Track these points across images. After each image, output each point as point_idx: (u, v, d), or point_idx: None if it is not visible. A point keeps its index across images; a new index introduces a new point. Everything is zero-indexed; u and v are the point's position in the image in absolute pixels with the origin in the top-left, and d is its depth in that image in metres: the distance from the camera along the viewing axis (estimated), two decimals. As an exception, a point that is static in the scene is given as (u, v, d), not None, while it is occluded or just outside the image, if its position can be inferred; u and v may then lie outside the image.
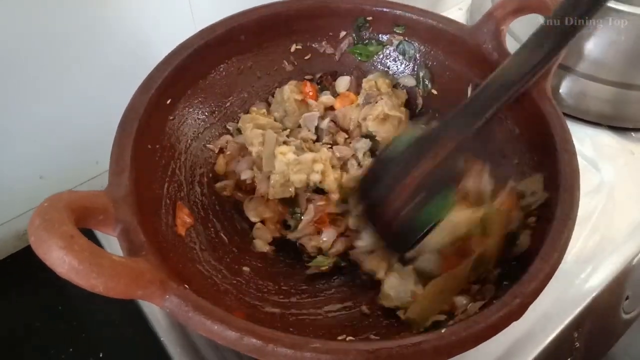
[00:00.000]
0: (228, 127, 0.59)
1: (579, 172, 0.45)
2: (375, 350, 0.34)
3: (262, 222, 0.56)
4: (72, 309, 0.58)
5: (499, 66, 0.50)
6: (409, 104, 0.63)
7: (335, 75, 0.63)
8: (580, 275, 0.57)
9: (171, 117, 0.53)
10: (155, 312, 0.53)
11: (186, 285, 0.37)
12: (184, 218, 0.49)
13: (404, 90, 0.63)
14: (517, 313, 0.37)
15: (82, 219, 0.35)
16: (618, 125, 0.71)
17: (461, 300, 0.44)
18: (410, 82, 0.63)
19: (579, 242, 0.60)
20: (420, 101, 0.62)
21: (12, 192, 0.61)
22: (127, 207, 0.39)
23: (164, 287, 0.35)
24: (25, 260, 0.30)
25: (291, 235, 0.55)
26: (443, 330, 0.36)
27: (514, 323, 0.37)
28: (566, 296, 0.55)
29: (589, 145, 0.69)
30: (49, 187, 0.65)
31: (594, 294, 0.56)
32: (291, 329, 0.43)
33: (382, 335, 0.45)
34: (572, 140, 0.47)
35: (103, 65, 0.61)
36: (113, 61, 0.61)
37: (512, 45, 0.56)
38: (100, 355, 0.54)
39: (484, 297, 0.43)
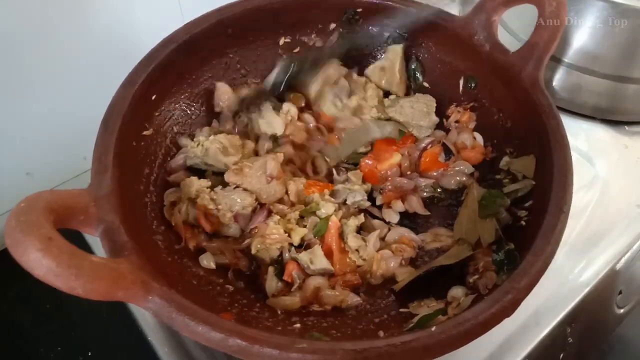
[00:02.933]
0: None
1: (571, 164, 0.44)
2: (363, 350, 0.34)
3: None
4: (61, 308, 0.57)
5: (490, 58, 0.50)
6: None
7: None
8: (573, 270, 0.57)
9: (157, 113, 0.52)
10: (142, 311, 0.53)
11: (172, 286, 0.36)
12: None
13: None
14: (509, 309, 0.37)
15: (63, 219, 0.35)
16: (612, 118, 0.70)
17: (457, 291, 0.44)
18: None
19: (572, 236, 0.59)
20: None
21: (-1, 189, 0.60)
22: (110, 206, 0.38)
23: (147, 288, 0.34)
24: (14, 258, 0.30)
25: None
26: (433, 328, 0.35)
27: (506, 319, 0.37)
28: (559, 291, 0.55)
29: (583, 139, 0.69)
30: (36, 184, 0.65)
31: (587, 289, 0.55)
32: (279, 328, 0.43)
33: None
34: (565, 132, 0.47)
35: (89, 60, 0.60)
36: (99, 55, 0.60)
37: (504, 37, 0.56)
38: (89, 354, 0.54)
39: (487, 285, 0.43)
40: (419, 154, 0.56)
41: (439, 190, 0.55)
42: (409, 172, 0.56)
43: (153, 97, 0.51)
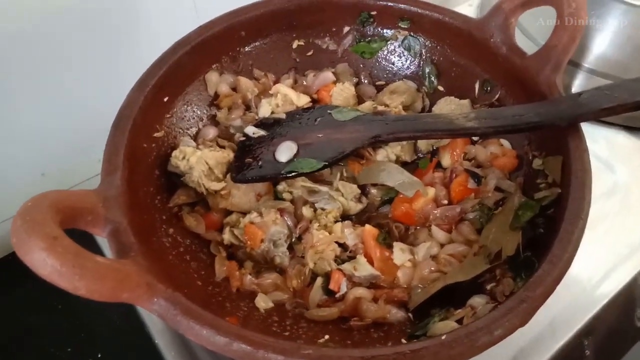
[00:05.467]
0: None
1: (590, 170, 0.43)
2: (370, 358, 0.33)
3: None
4: (71, 309, 0.57)
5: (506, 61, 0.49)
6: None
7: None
8: (591, 280, 0.55)
9: (168, 115, 0.52)
10: (151, 315, 0.52)
11: (179, 289, 0.36)
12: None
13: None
14: (523, 319, 0.35)
15: (69, 219, 0.35)
16: (633, 125, 0.68)
17: (477, 300, 0.42)
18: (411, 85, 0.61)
19: (592, 245, 0.57)
20: (427, 101, 0.61)
21: (14, 189, 0.60)
22: (118, 207, 0.38)
23: (152, 291, 0.34)
24: None
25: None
26: (443, 337, 0.34)
27: (521, 329, 0.35)
28: (576, 302, 0.53)
29: (604, 145, 0.67)
30: (50, 185, 0.65)
31: (606, 300, 0.53)
32: (286, 334, 0.42)
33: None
34: (584, 137, 0.45)
35: (105, 61, 0.60)
36: (115, 56, 0.61)
37: (521, 40, 0.54)
38: (99, 356, 0.54)
39: (504, 292, 0.41)
40: (447, 190, 0.53)
41: (485, 207, 0.50)
42: (445, 202, 0.52)
43: (165, 99, 0.51)
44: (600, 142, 0.67)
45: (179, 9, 0.62)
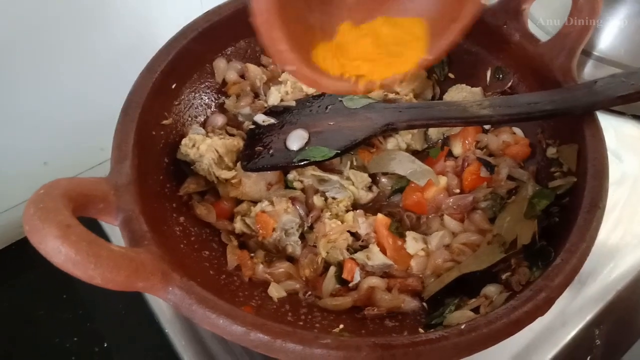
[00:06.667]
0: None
1: (607, 157, 0.42)
2: (389, 347, 0.33)
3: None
4: (77, 298, 0.57)
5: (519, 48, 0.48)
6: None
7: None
8: (602, 270, 0.55)
9: (176, 102, 0.51)
10: (160, 303, 0.52)
11: (192, 278, 0.35)
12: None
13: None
14: (542, 308, 0.35)
15: (81, 207, 0.34)
16: (642, 114, 0.68)
17: (491, 289, 0.42)
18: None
19: (601, 235, 0.56)
20: (437, 89, 0.60)
21: (16, 178, 0.60)
22: (129, 195, 0.38)
23: (167, 279, 0.33)
24: (30, 248, 0.30)
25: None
26: (463, 326, 0.34)
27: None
28: (587, 292, 0.53)
29: (612, 135, 0.66)
30: (52, 174, 0.63)
31: (616, 290, 0.53)
32: (300, 323, 0.42)
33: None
34: (600, 125, 0.44)
35: (108, 48, 0.59)
36: (119, 43, 0.60)
37: (531, 29, 0.54)
38: (105, 345, 0.54)
39: (520, 282, 0.41)
40: (459, 179, 0.52)
41: (498, 196, 0.49)
42: (457, 191, 0.51)
43: (173, 86, 0.50)
44: (609, 131, 0.66)
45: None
